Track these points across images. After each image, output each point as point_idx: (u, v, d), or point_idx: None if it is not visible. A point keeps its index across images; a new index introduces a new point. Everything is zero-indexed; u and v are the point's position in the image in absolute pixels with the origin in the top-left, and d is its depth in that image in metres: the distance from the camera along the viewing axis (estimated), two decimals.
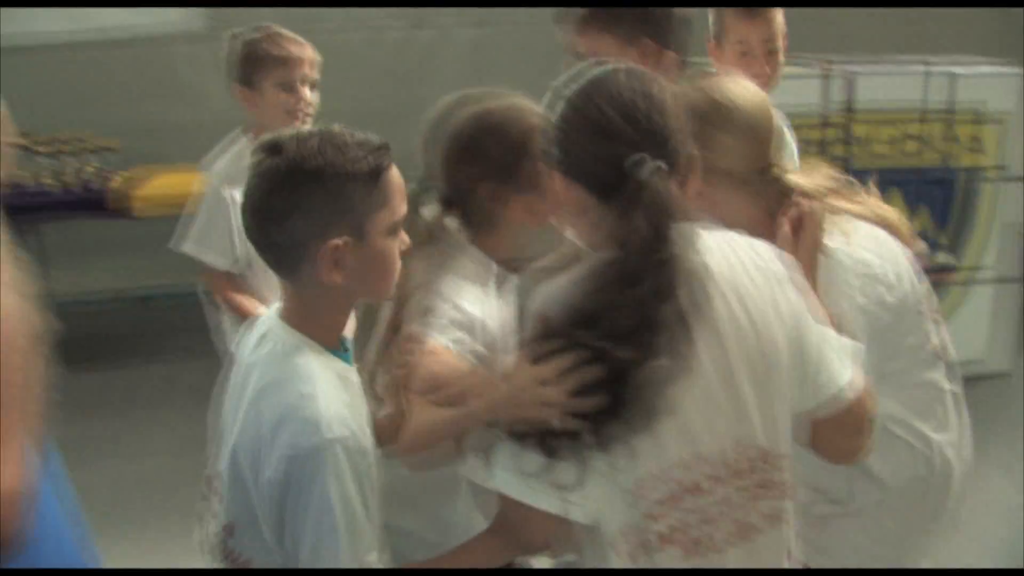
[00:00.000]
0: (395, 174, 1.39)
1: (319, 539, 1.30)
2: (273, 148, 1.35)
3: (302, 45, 2.52)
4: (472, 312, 1.55)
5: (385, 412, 1.50)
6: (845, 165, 3.22)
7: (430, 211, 1.64)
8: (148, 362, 4.84)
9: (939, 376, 1.74)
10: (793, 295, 1.40)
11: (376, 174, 1.35)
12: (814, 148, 3.82)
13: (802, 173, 1.71)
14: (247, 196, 1.37)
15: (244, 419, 1.38)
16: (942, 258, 4.10)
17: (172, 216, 4.86)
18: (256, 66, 2.48)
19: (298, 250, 1.34)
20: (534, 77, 1.56)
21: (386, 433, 1.45)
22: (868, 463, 1.66)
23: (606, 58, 1.45)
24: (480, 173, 1.59)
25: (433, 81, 5.65)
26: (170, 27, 5.36)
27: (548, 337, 1.29)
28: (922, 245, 1.77)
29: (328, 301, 1.41)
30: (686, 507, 1.29)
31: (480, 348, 1.54)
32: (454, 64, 5.55)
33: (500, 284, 1.68)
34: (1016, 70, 4.15)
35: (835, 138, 3.93)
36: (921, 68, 4.12)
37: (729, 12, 2.22)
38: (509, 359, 1.41)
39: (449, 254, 1.61)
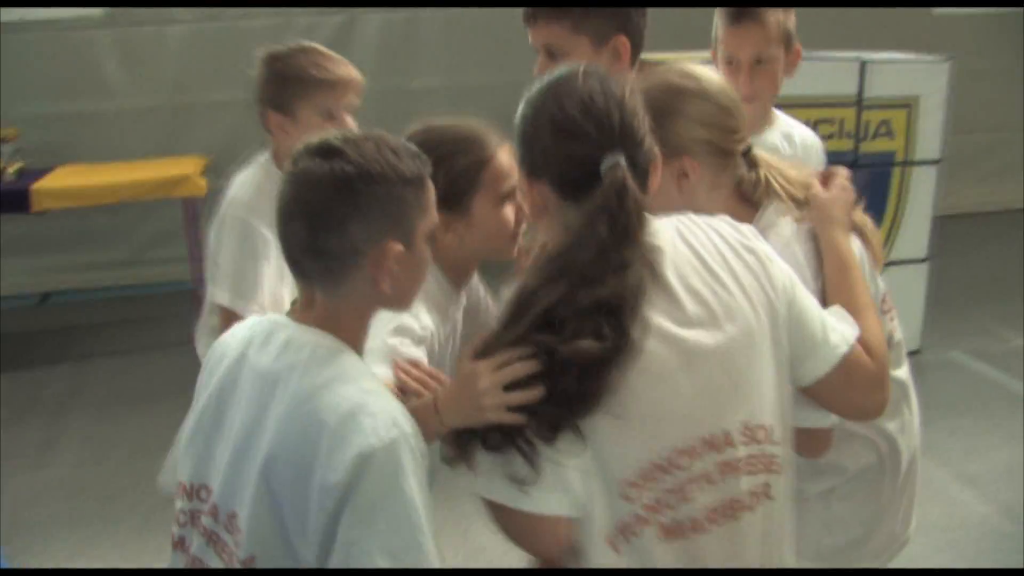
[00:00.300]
0: (431, 182, 1.37)
1: (405, 540, 1.23)
2: (327, 151, 1.30)
3: (347, 66, 2.22)
4: (428, 327, 1.57)
5: None
6: None
7: None
8: (51, 363, 4.63)
9: (899, 371, 1.75)
10: (782, 271, 1.42)
11: (421, 180, 1.34)
12: None
13: (783, 164, 1.71)
14: (294, 201, 1.31)
15: (283, 428, 1.28)
16: None
17: (74, 211, 4.72)
18: (295, 90, 2.16)
19: (351, 257, 1.30)
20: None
21: None
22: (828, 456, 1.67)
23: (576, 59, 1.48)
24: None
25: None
26: (70, 12, 5.12)
27: (491, 333, 1.30)
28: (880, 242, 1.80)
29: (362, 309, 1.37)
30: (661, 486, 1.28)
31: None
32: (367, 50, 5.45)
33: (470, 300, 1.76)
34: (927, 57, 4.27)
35: None
36: (833, 55, 4.20)
37: (721, 21, 2.17)
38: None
39: None
